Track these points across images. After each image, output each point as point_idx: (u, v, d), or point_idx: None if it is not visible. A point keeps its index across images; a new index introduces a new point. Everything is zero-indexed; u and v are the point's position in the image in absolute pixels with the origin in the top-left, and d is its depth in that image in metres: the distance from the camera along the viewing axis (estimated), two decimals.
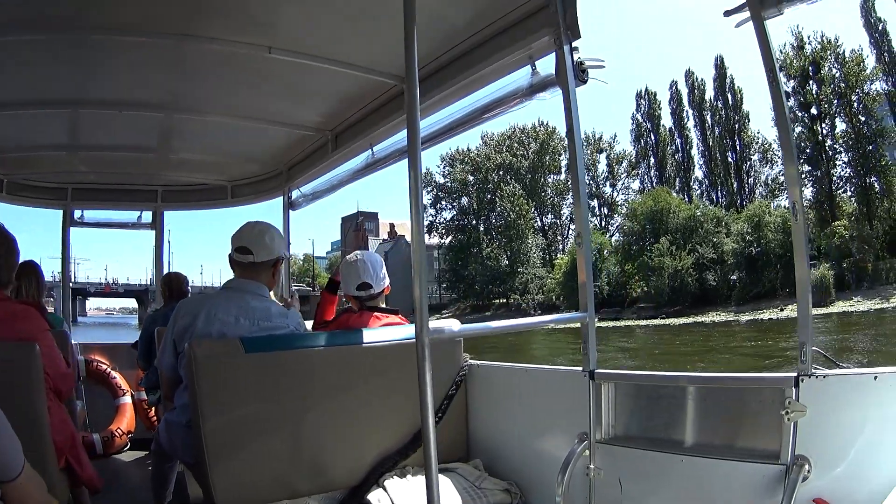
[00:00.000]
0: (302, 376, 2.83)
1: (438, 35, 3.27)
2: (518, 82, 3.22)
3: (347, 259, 3.42)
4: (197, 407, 2.57)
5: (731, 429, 2.39)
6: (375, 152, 4.52)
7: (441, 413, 3.18)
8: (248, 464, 2.66)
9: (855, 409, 2.08)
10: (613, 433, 2.73)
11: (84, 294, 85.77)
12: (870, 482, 1.99)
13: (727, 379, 2.56)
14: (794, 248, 2.30)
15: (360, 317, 3.26)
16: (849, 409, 2.08)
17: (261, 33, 3.27)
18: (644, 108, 69.49)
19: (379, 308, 3.33)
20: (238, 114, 4.42)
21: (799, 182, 2.43)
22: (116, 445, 5.54)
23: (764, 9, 2.29)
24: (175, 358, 2.95)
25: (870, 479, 2.00)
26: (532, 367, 3.30)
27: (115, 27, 3.12)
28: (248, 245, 2.97)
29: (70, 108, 4.19)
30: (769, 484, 2.18)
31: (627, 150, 72.82)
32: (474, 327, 2.61)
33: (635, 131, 69.93)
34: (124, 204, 6.30)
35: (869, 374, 2.07)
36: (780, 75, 2.36)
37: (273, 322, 2.95)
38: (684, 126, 66.93)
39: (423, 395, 1.84)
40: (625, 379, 2.76)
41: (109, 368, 5.95)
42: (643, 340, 39.09)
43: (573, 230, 71.07)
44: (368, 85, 3.88)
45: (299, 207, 5.75)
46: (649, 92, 69.25)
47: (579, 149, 2.89)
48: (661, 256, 53.33)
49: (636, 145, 70.18)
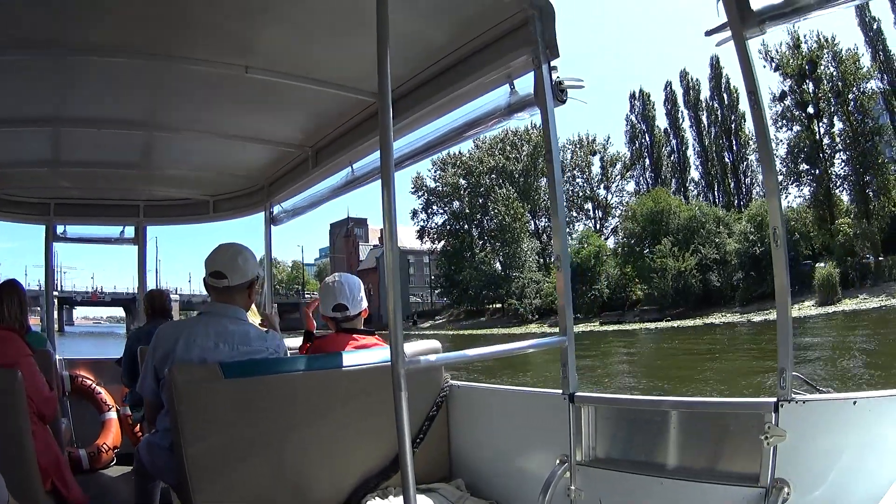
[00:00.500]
0: (282, 400, 2.87)
1: (416, 53, 3.32)
2: (496, 101, 3.27)
3: (326, 281, 3.46)
4: (178, 431, 2.60)
5: (712, 452, 2.44)
6: (355, 170, 4.60)
7: (422, 434, 3.24)
8: (231, 487, 2.69)
9: (834, 434, 2.12)
10: (594, 455, 2.78)
11: (71, 303, 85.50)
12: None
13: (707, 403, 2.65)
14: (775, 274, 2.34)
15: (336, 338, 3.31)
16: (828, 434, 2.13)
17: (237, 53, 3.33)
18: (638, 109, 69.87)
19: (356, 329, 3.37)
20: (218, 131, 4.47)
21: (781, 210, 2.46)
22: (103, 461, 5.58)
23: (745, 28, 2.34)
24: (157, 384, 2.98)
25: (848, 503, 2.04)
26: (512, 389, 3.38)
27: (93, 47, 3.17)
28: (222, 269, 3.01)
29: (51, 126, 4.24)
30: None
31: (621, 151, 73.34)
32: (451, 356, 2.64)
33: (630, 132, 70.27)
34: (107, 219, 6.38)
35: (848, 398, 2.11)
36: (761, 98, 2.40)
37: (252, 346, 2.99)
38: (679, 127, 67.40)
39: (400, 424, 1.87)
40: (605, 402, 2.81)
41: (95, 384, 5.99)
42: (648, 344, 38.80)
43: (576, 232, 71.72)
44: (347, 102, 3.93)
45: (280, 223, 5.84)
46: (643, 93, 69.76)
47: (557, 170, 2.91)
48: (663, 258, 53.23)
49: (631, 147, 70.50)
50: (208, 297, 3.14)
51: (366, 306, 3.46)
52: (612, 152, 73.83)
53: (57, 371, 4.92)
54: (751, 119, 2.43)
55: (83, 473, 5.26)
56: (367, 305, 3.48)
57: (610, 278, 59.08)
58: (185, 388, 2.60)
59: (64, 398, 5.53)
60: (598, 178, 73.91)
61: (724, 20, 2.40)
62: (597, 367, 26.57)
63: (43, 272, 6.77)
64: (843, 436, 2.12)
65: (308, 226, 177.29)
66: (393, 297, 1.95)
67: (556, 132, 2.89)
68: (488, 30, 3.06)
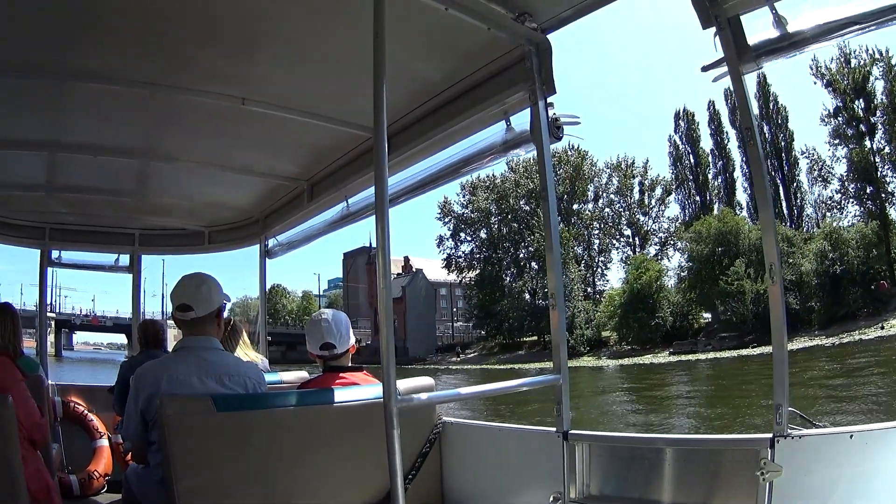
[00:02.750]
0: (274, 435, 3.01)
1: (412, 89, 3.56)
2: (492, 138, 3.47)
3: (312, 317, 3.63)
4: (170, 465, 2.73)
5: (707, 489, 2.56)
6: (350, 204, 4.85)
7: (415, 471, 3.40)
8: None
9: (831, 468, 2.24)
10: (588, 493, 2.94)
11: (70, 326, 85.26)
12: None
13: (702, 441, 2.87)
14: (771, 310, 2.53)
15: (324, 379, 3.48)
16: (825, 468, 2.25)
17: (234, 85, 3.60)
18: (682, 129, 69.85)
19: (343, 367, 3.53)
20: (214, 162, 4.77)
21: (777, 246, 2.65)
22: (94, 487, 5.82)
23: (742, 64, 2.54)
24: (144, 427, 3.10)
25: None
26: (506, 427, 3.55)
27: (92, 74, 3.43)
28: (188, 301, 3.16)
29: (48, 150, 4.53)
30: None
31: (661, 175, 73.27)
32: (444, 394, 2.82)
33: (673, 154, 70.24)
34: (102, 246, 6.72)
35: (844, 433, 2.23)
36: (757, 134, 2.59)
37: (233, 376, 3.14)
38: (725, 147, 67.13)
39: (392, 461, 1.99)
40: (599, 440, 2.97)
41: (86, 410, 6.25)
42: (757, 377, 34.24)
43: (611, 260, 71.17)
44: (343, 137, 4.19)
45: (275, 256, 6.13)
46: (688, 112, 69.78)
47: (553, 208, 3.09)
48: (739, 280, 52.41)
49: (674, 168, 70.45)
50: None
51: (353, 343, 3.61)
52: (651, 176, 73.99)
53: (48, 396, 5.18)
54: (748, 160, 2.65)
55: (73, 499, 5.52)
56: (395, 336, 3.61)
57: (674, 305, 58.02)
58: (176, 420, 2.73)
59: (56, 424, 5.82)
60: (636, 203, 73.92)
61: (720, 56, 2.60)
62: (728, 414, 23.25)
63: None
64: (839, 469, 2.23)
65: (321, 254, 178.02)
66: (385, 333, 2.12)
67: (551, 168, 3.11)
68: (485, 66, 3.28)
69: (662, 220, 73.23)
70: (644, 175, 73.89)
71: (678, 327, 56.89)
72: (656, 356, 52.90)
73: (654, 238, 73.11)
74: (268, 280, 6.33)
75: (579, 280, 68.85)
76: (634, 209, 73.74)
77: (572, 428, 2.98)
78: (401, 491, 2.02)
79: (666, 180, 72.28)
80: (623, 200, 74.25)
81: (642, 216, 73.88)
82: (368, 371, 3.58)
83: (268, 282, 6.29)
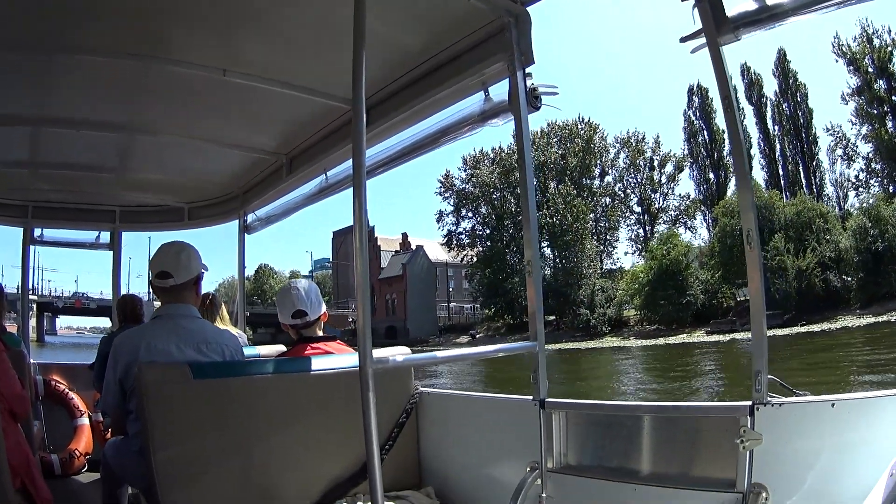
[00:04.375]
0: (251, 403, 3.15)
1: (392, 60, 3.70)
2: (470, 108, 3.61)
3: (282, 288, 3.80)
4: (148, 433, 2.85)
5: (686, 457, 2.67)
6: (329, 177, 5.01)
7: (391, 441, 3.56)
8: (199, 491, 2.95)
9: (812, 437, 2.31)
10: (565, 462, 3.07)
11: (52, 310, 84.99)
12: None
13: (681, 408, 2.90)
14: (749, 276, 2.59)
15: (298, 350, 3.63)
16: (806, 437, 2.32)
17: (216, 56, 3.73)
18: (697, 105, 69.80)
19: (316, 337, 3.69)
20: (195, 136, 4.94)
21: (754, 209, 2.73)
22: (75, 466, 6.06)
23: (720, 35, 2.62)
24: (122, 397, 3.26)
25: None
26: (483, 396, 3.74)
27: (74, 48, 3.57)
28: (167, 269, 3.31)
29: (31, 126, 4.70)
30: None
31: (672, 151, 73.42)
32: (420, 357, 2.94)
33: (688, 129, 70.24)
34: (84, 223, 6.95)
35: (826, 401, 2.29)
36: (735, 103, 2.71)
37: (211, 344, 3.31)
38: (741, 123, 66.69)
39: (368, 425, 2.08)
40: (575, 408, 3.10)
41: (67, 389, 6.49)
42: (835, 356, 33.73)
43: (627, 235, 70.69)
44: (322, 109, 4.34)
45: (254, 231, 6.32)
46: (702, 88, 69.61)
47: (530, 176, 3.25)
48: (780, 256, 52.34)
49: (689, 144, 70.55)
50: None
51: (325, 310, 3.77)
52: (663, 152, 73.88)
53: (30, 373, 5.44)
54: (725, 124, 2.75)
55: (55, 478, 5.73)
56: (394, 316, 3.74)
57: (704, 282, 57.51)
58: (154, 388, 2.86)
59: (37, 402, 6.06)
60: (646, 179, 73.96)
61: (700, 27, 2.67)
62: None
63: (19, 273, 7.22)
64: (821, 439, 2.30)
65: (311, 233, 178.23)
66: (362, 300, 2.23)
67: (529, 138, 3.25)
68: (465, 37, 3.41)
69: (673, 198, 73.43)
70: (655, 151, 73.97)
71: (707, 306, 56.60)
72: (691, 335, 52.51)
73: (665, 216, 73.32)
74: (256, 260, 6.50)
75: (596, 257, 69.23)
76: (645, 185, 73.81)
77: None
78: (376, 455, 2.10)
79: (677, 157, 72.25)
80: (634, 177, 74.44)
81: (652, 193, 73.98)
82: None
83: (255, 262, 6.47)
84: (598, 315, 61.90)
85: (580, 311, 63.21)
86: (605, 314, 61.94)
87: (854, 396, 2.30)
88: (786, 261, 51.84)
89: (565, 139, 73.25)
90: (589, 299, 64.09)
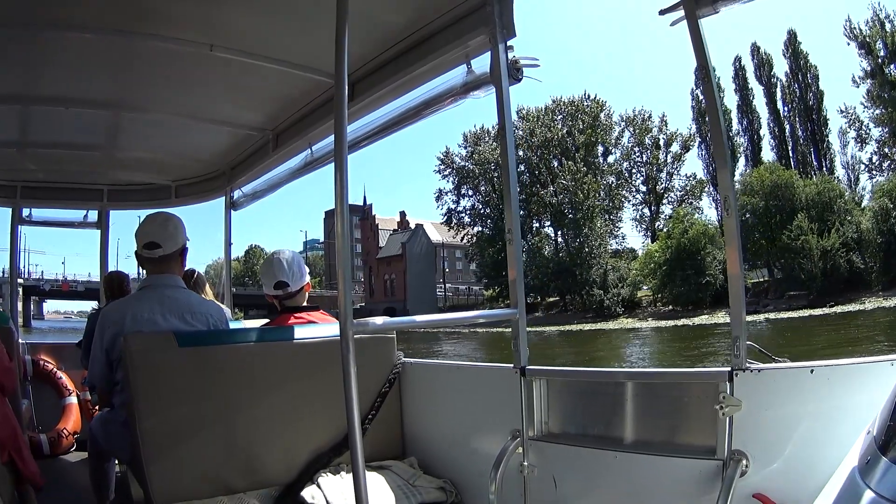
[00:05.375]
0: (236, 372, 3.31)
1: (375, 35, 3.79)
2: (452, 81, 3.70)
3: (266, 259, 3.95)
4: (133, 403, 3.01)
5: (666, 424, 2.75)
6: (314, 151, 5.11)
7: (374, 411, 3.68)
8: (183, 461, 3.10)
9: (792, 403, 2.36)
10: (546, 430, 3.17)
11: (39, 293, 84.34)
12: (809, 476, 2.21)
13: (660, 374, 3.00)
14: (726, 244, 2.65)
15: (279, 321, 3.78)
16: (786, 403, 2.37)
17: (203, 30, 3.80)
18: None
19: (299, 308, 3.85)
20: (182, 112, 5.04)
21: (732, 179, 2.79)
22: (63, 446, 6.25)
23: (699, 8, 2.66)
24: (109, 368, 3.41)
25: (809, 473, 2.23)
26: (464, 365, 3.83)
27: (60, 24, 3.64)
28: (155, 239, 3.46)
29: (20, 105, 4.80)
30: (706, 479, 2.49)
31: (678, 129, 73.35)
32: (400, 320, 3.02)
33: (696, 108, 69.73)
34: (71, 203, 7.10)
35: (805, 367, 2.34)
36: (713, 75, 2.76)
37: (196, 314, 3.47)
38: (750, 104, 67.47)
39: (349, 390, 2.13)
40: (556, 375, 3.18)
41: (55, 368, 6.69)
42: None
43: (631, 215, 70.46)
44: (308, 84, 4.44)
45: (241, 208, 6.49)
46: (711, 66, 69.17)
47: (510, 147, 3.32)
48: (804, 236, 52.42)
49: (697, 124, 70.25)
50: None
51: (308, 280, 3.92)
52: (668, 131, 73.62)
53: (19, 351, 5.59)
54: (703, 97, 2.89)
55: (44, 458, 5.90)
56: (393, 297, 3.86)
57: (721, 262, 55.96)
58: (140, 357, 3.02)
59: (26, 382, 6.24)
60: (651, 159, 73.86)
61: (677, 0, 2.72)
62: None
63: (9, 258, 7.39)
64: (801, 405, 2.34)
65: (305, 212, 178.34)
66: (343, 266, 2.28)
67: (510, 109, 3.31)
68: (448, 11, 3.49)
69: (679, 178, 73.31)
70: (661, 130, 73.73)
71: (724, 287, 55.27)
72: (713, 316, 52.08)
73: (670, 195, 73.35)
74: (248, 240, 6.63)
75: (607, 234, 68.91)
76: (651, 165, 73.64)
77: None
78: (357, 421, 2.15)
79: (683, 136, 72.15)
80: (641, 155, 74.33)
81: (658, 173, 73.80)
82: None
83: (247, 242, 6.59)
84: (611, 295, 61.45)
85: (593, 292, 62.71)
86: (618, 294, 61.53)
87: (833, 363, 2.34)
88: (810, 241, 51.82)
89: (571, 115, 72.86)
90: (602, 279, 63.60)
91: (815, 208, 53.91)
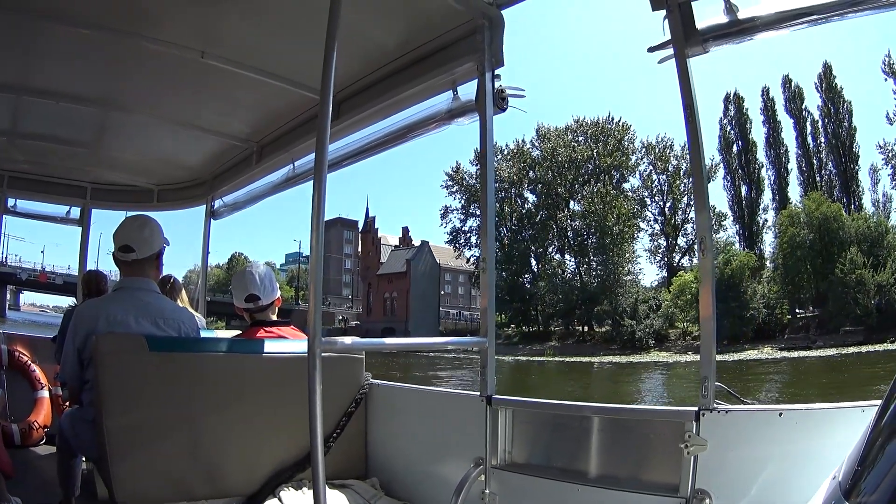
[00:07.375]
0: (204, 380, 3.45)
1: (365, 55, 4.00)
2: (438, 106, 3.89)
3: (237, 272, 4.11)
4: (101, 403, 3.12)
5: (632, 460, 2.86)
6: (296, 167, 5.33)
7: (339, 430, 3.84)
8: (147, 463, 3.21)
9: (759, 445, 2.45)
10: (510, 459, 3.29)
11: (15, 282, 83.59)
12: None
13: (627, 410, 3.13)
14: (701, 284, 2.80)
15: (249, 334, 3.93)
16: (752, 445, 2.46)
17: (195, 36, 4.01)
18: (731, 114, 70.06)
19: (269, 322, 4.00)
20: (169, 117, 5.27)
21: (709, 221, 2.95)
22: (34, 438, 6.48)
23: (689, 47, 2.84)
24: (80, 366, 3.53)
25: None
26: (431, 390, 4.01)
27: (58, 16, 3.80)
28: (130, 243, 3.58)
29: (13, 94, 4.98)
30: None
31: None
32: (368, 341, 3.17)
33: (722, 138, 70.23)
34: (55, 197, 7.35)
35: (774, 410, 2.44)
36: (698, 115, 2.89)
37: (167, 315, 3.60)
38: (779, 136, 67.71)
39: (313, 407, 2.20)
40: (522, 406, 3.31)
41: (30, 360, 6.94)
42: None
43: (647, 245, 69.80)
44: (294, 99, 4.64)
45: (220, 217, 6.72)
46: (738, 96, 69.97)
47: (490, 175, 3.50)
48: (858, 270, 52.56)
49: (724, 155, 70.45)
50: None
51: (278, 295, 4.07)
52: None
53: None
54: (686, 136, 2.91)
55: (14, 448, 6.13)
56: (393, 317, 4.00)
57: (764, 296, 57.22)
58: (110, 358, 3.14)
59: (1, 371, 6.55)
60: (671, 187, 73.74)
61: (667, 38, 2.90)
62: None
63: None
64: (768, 448, 2.43)
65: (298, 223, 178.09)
66: (314, 284, 2.44)
67: (492, 137, 3.50)
68: (438, 36, 3.69)
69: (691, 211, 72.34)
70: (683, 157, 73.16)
71: (771, 322, 56.45)
72: (761, 351, 52.09)
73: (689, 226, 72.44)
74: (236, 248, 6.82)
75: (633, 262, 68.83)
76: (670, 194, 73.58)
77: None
78: (319, 437, 2.22)
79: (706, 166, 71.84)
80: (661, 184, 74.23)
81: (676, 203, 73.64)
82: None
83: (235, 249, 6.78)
84: (643, 327, 60.56)
85: (624, 322, 61.78)
86: (651, 325, 60.71)
87: (802, 407, 2.44)
88: (865, 275, 52.00)
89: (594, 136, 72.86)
90: (632, 309, 62.94)
91: (864, 243, 53.93)
